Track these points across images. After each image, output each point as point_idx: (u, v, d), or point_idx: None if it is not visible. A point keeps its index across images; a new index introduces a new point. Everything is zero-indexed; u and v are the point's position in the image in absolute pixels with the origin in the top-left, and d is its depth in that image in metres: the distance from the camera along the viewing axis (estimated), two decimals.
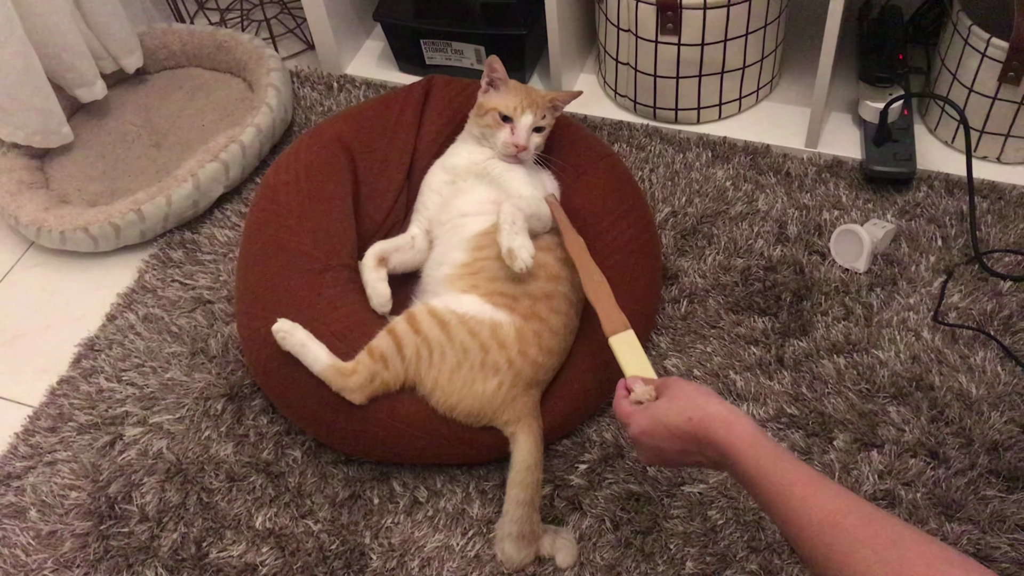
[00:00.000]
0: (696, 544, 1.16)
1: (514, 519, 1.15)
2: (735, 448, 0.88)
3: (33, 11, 1.62)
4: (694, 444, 0.93)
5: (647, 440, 0.98)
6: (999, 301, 1.36)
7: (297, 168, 1.38)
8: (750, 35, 1.56)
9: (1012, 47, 1.40)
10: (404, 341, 1.17)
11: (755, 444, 0.88)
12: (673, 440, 0.95)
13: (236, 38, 1.84)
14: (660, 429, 0.96)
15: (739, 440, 0.89)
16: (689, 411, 0.93)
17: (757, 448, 0.88)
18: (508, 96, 1.32)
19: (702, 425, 0.92)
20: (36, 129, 1.66)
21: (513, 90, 1.33)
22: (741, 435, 0.89)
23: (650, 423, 0.97)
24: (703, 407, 0.93)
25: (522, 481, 1.15)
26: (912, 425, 1.24)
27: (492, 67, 1.34)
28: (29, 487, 1.30)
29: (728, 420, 0.91)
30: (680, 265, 1.46)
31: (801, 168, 1.58)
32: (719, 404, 0.93)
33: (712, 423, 0.91)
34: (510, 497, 1.16)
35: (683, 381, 0.99)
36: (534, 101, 1.32)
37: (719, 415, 0.91)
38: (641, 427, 0.98)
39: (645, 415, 0.98)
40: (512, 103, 1.31)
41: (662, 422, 0.96)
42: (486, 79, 1.35)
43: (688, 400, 0.95)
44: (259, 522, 1.23)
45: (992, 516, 1.15)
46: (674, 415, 0.95)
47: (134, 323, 1.48)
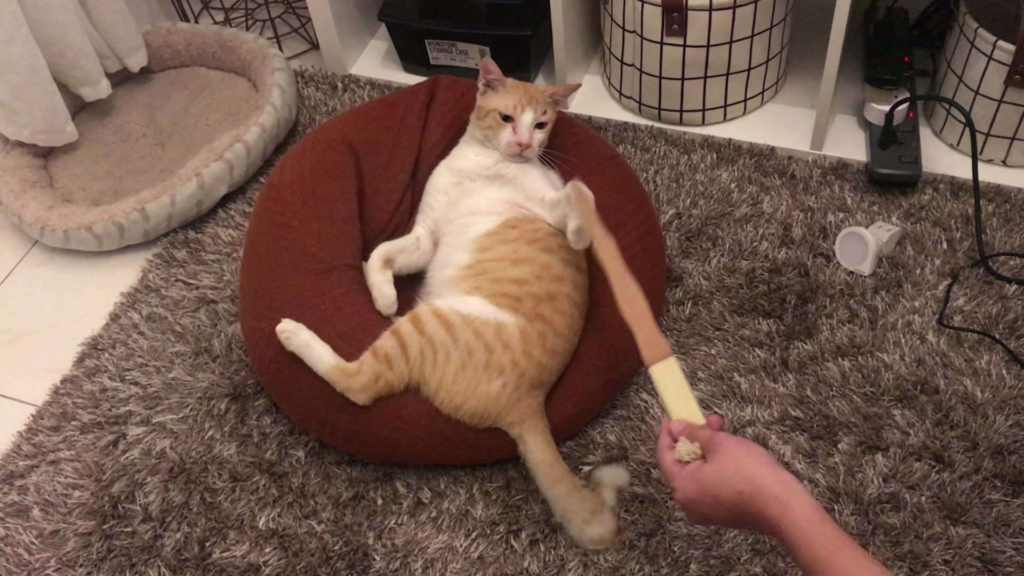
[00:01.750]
0: (700, 547, 1.16)
1: (577, 507, 1.15)
2: (791, 535, 0.82)
3: (38, 9, 1.62)
4: (746, 517, 0.87)
5: (695, 508, 0.92)
6: (1004, 304, 1.36)
7: (301, 168, 1.38)
8: (756, 37, 1.56)
9: (1018, 50, 1.40)
10: (408, 342, 1.17)
11: (811, 531, 0.82)
12: (722, 511, 0.89)
13: (240, 37, 1.84)
14: (708, 500, 0.89)
15: (794, 526, 0.82)
16: (740, 484, 0.87)
17: (814, 535, 0.81)
18: (507, 95, 1.32)
19: (754, 503, 0.85)
20: (41, 128, 1.66)
21: (511, 89, 1.33)
22: (797, 519, 0.82)
23: (697, 492, 0.90)
24: (753, 480, 0.86)
25: (555, 478, 1.16)
26: (917, 428, 1.24)
27: (487, 69, 1.33)
28: (32, 486, 1.30)
29: (782, 499, 0.84)
30: (685, 267, 1.46)
31: (806, 170, 1.58)
32: (772, 476, 0.86)
33: (766, 502, 0.84)
34: (557, 496, 1.15)
35: (731, 441, 0.91)
36: (533, 97, 1.32)
37: (772, 492, 0.84)
38: (687, 495, 0.92)
39: (692, 482, 0.91)
40: (511, 102, 1.31)
41: (710, 494, 0.89)
42: (482, 81, 1.34)
43: (738, 470, 0.87)
44: (262, 522, 1.23)
45: (997, 520, 1.14)
46: (723, 487, 0.88)
47: (138, 322, 1.48)
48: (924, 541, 1.13)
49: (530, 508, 1.21)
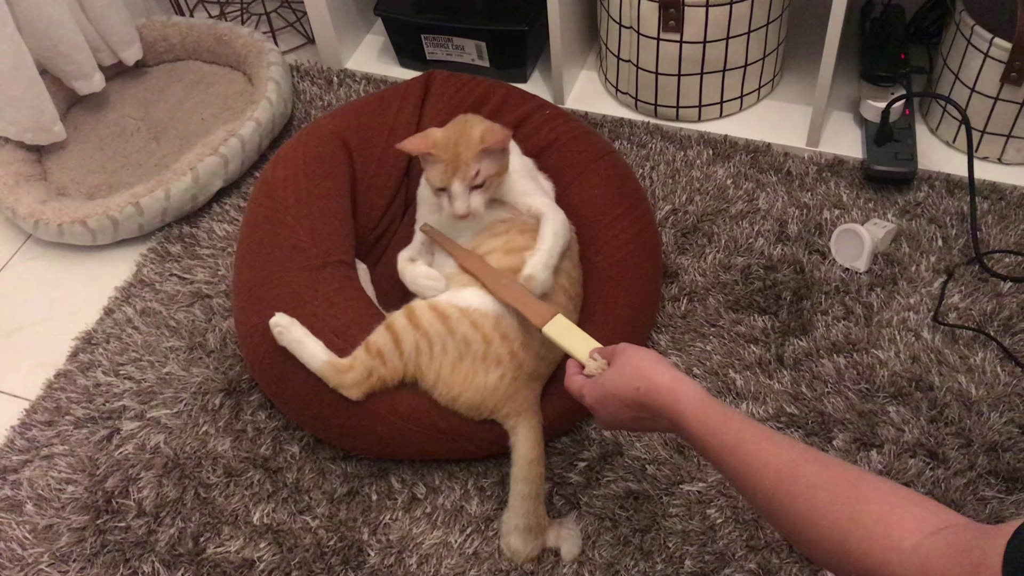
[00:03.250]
0: (695, 542, 1.16)
1: (520, 513, 1.15)
2: (683, 415, 0.89)
3: (29, 3, 1.61)
4: (645, 412, 0.94)
5: (601, 410, 1.00)
6: (999, 302, 1.36)
7: (296, 163, 1.38)
8: (752, 33, 1.55)
9: (1015, 47, 1.40)
10: (403, 336, 1.17)
11: (702, 407, 0.89)
12: (625, 409, 0.97)
13: (236, 31, 1.84)
14: (611, 400, 0.97)
15: (686, 406, 0.89)
16: (636, 381, 0.94)
17: (704, 410, 0.88)
18: (435, 167, 1.21)
19: (649, 395, 0.93)
20: (27, 126, 1.65)
21: (440, 154, 1.20)
22: (688, 401, 0.90)
23: (601, 393, 0.99)
24: (648, 376, 0.94)
25: (526, 476, 1.15)
26: (911, 425, 1.24)
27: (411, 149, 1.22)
28: (25, 481, 1.29)
29: (673, 388, 0.91)
30: (680, 263, 1.46)
31: (802, 167, 1.58)
32: (665, 372, 0.93)
33: (659, 393, 0.92)
34: (515, 492, 1.16)
35: (631, 348, 0.99)
36: (462, 162, 1.18)
37: (664, 384, 0.92)
38: (594, 397, 1.00)
39: (596, 386, 1.00)
40: (438, 174, 1.20)
41: (612, 393, 0.97)
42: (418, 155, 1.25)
43: (634, 370, 0.95)
44: (257, 517, 1.23)
45: (991, 517, 1.15)
46: (622, 386, 0.96)
47: (132, 317, 1.47)
48: None
49: None
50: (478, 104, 1.46)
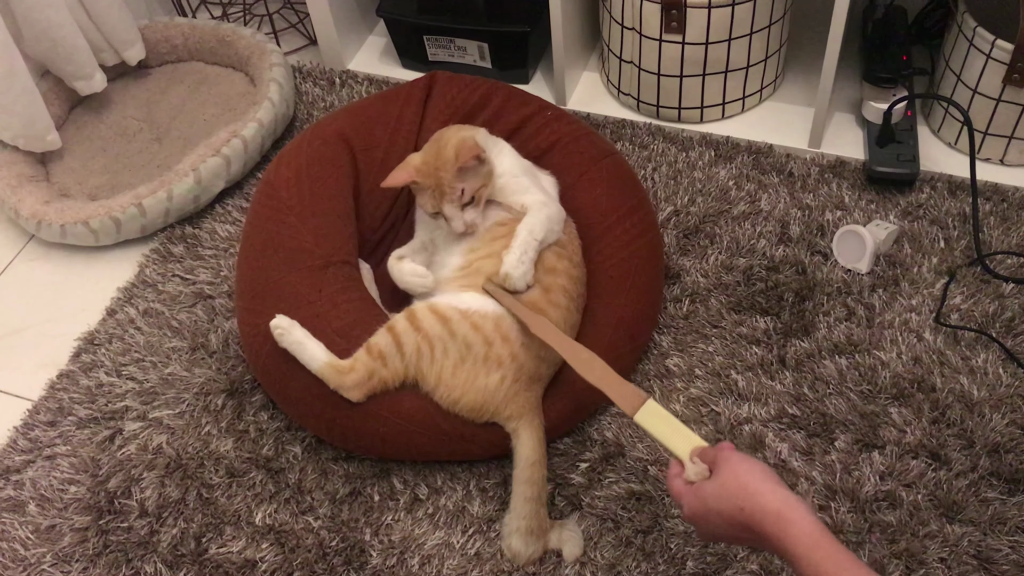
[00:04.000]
0: (697, 544, 1.16)
1: (521, 515, 1.15)
2: (792, 551, 0.83)
3: (27, 6, 1.61)
4: (748, 533, 0.88)
5: (702, 525, 0.93)
6: (1001, 303, 1.36)
7: (298, 164, 1.38)
8: (754, 34, 1.55)
9: (1017, 49, 1.40)
10: (404, 339, 1.17)
11: (813, 547, 0.82)
12: (727, 528, 0.90)
13: (238, 32, 1.84)
14: (713, 517, 0.91)
15: (796, 541, 0.83)
16: (740, 500, 0.88)
17: (816, 552, 0.82)
18: (423, 196, 1.23)
19: (754, 519, 0.86)
20: (19, 133, 1.64)
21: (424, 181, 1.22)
22: (798, 537, 0.83)
23: (702, 508, 0.92)
24: (754, 497, 0.87)
25: (528, 478, 1.15)
26: (913, 426, 1.24)
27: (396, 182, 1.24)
28: (28, 481, 1.29)
29: (783, 517, 0.84)
30: (682, 264, 1.46)
31: (804, 168, 1.58)
32: (772, 493, 0.87)
33: (765, 519, 0.85)
34: (517, 493, 1.16)
35: (736, 458, 0.92)
36: (444, 184, 1.20)
37: (772, 509, 0.85)
38: (693, 510, 0.93)
39: (697, 499, 0.93)
40: (428, 201, 1.23)
41: (714, 510, 0.90)
42: None
43: (739, 487, 0.89)
44: (259, 518, 1.23)
45: (993, 518, 1.15)
46: (725, 503, 0.89)
47: (134, 317, 1.48)
48: (920, 539, 1.14)
49: None
50: (480, 105, 1.46)
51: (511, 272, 1.17)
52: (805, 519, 0.84)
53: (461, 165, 1.20)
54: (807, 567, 0.82)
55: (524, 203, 1.25)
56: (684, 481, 0.96)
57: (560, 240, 1.26)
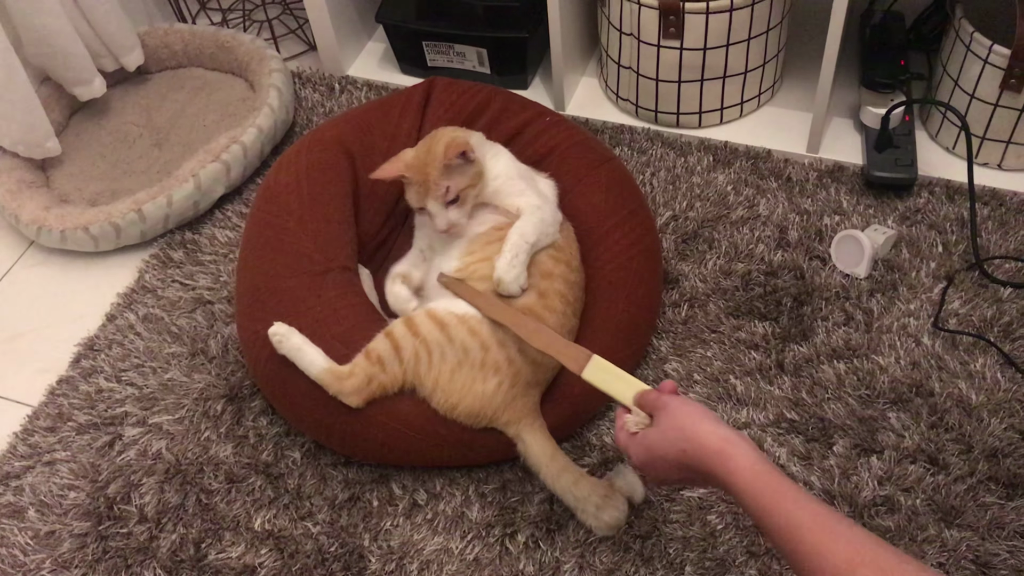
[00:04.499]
0: (695, 549, 1.16)
1: (588, 494, 1.15)
2: (735, 485, 0.85)
3: (23, 14, 1.61)
4: (693, 472, 0.90)
5: (650, 471, 0.96)
6: (999, 308, 1.36)
7: (298, 170, 1.38)
8: (752, 40, 1.56)
9: (1014, 54, 1.40)
10: (402, 344, 1.17)
11: (754, 479, 0.84)
12: (671, 470, 0.92)
13: (238, 38, 1.84)
14: (658, 462, 0.93)
15: (737, 476, 0.85)
16: (681, 442, 0.90)
17: (757, 484, 0.84)
18: (410, 191, 1.25)
19: (696, 457, 0.88)
20: (18, 139, 1.65)
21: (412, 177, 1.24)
22: (737, 469, 0.85)
23: (647, 454, 0.94)
24: (694, 438, 0.89)
25: (560, 469, 1.16)
26: (912, 431, 1.24)
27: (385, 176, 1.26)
28: (28, 487, 1.30)
29: (723, 452, 0.86)
30: (681, 269, 1.46)
31: (802, 173, 1.58)
32: (711, 431, 0.88)
33: (707, 456, 0.87)
34: (565, 488, 1.16)
35: (675, 402, 0.94)
36: (431, 182, 1.22)
37: (712, 447, 0.87)
38: (640, 458, 0.96)
39: (641, 447, 0.95)
40: (414, 196, 1.25)
41: (658, 455, 0.93)
42: None
43: (679, 430, 0.91)
44: (258, 523, 1.23)
45: (991, 523, 1.15)
46: (668, 446, 0.91)
47: (134, 323, 1.48)
48: (919, 544, 1.14)
49: (526, 510, 1.21)
50: (479, 111, 1.46)
51: (503, 276, 1.18)
52: (746, 454, 0.86)
53: (447, 162, 1.21)
54: (749, 499, 0.84)
55: (518, 206, 1.25)
56: (627, 432, 0.98)
57: (557, 244, 1.26)
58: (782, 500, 0.82)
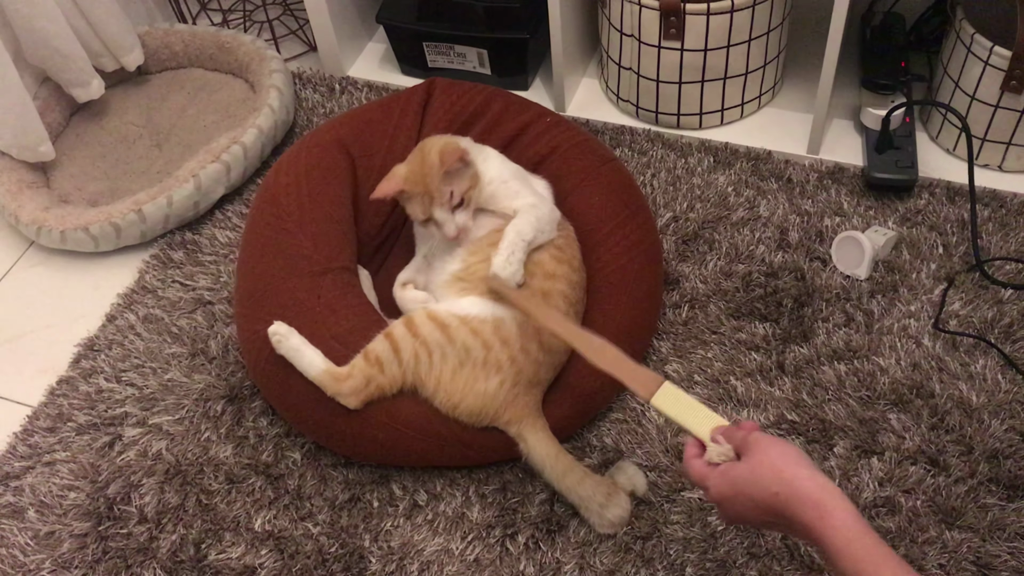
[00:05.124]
0: (696, 550, 1.16)
1: (592, 494, 1.16)
2: (830, 543, 0.80)
3: (21, 17, 1.61)
4: (781, 519, 0.85)
5: (729, 507, 0.89)
6: (1000, 309, 1.36)
7: (298, 170, 1.38)
8: (753, 41, 1.56)
9: (1015, 56, 1.40)
10: (402, 345, 1.17)
11: (852, 540, 0.79)
12: (757, 512, 0.86)
13: (238, 39, 1.84)
14: (743, 499, 0.87)
15: (832, 532, 0.79)
16: (775, 485, 0.84)
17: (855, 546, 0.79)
18: (412, 203, 1.24)
19: (790, 505, 0.82)
20: (11, 143, 1.64)
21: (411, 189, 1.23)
22: (837, 528, 0.80)
23: (730, 490, 0.88)
24: (790, 482, 0.83)
25: (564, 469, 1.17)
26: (912, 432, 1.24)
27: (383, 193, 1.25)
28: (28, 487, 1.29)
29: (821, 505, 0.81)
30: (681, 270, 1.46)
31: (803, 174, 1.58)
32: (809, 480, 0.83)
33: (803, 506, 0.81)
34: (569, 487, 1.17)
35: (766, 441, 0.88)
36: (433, 189, 1.21)
37: (810, 496, 0.82)
38: (721, 493, 0.89)
39: (725, 480, 0.89)
40: (418, 208, 1.24)
41: (744, 493, 0.87)
42: None
43: (772, 471, 0.85)
44: (258, 524, 1.23)
45: (992, 524, 1.15)
46: (758, 487, 0.85)
47: (134, 323, 1.48)
48: (919, 545, 1.14)
49: (526, 511, 1.21)
50: (479, 112, 1.46)
51: (499, 273, 1.18)
52: (845, 509, 0.81)
53: (447, 169, 1.21)
54: (845, 560, 0.78)
55: (515, 207, 1.25)
56: (706, 462, 0.92)
57: (559, 244, 1.26)
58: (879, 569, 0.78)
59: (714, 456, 0.92)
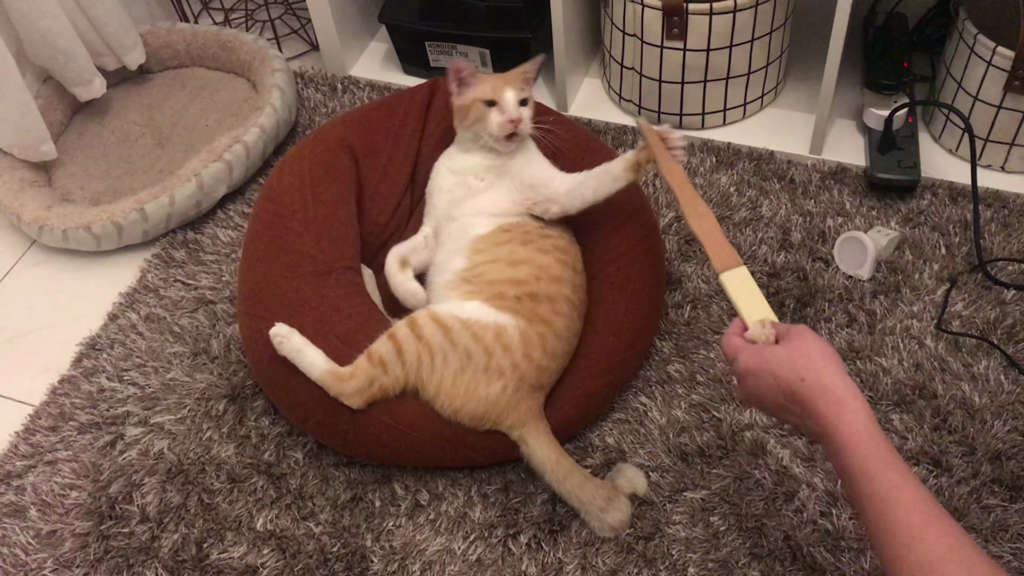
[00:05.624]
0: (698, 550, 1.16)
1: (592, 498, 1.16)
2: (841, 436, 0.81)
3: (22, 15, 1.61)
4: (797, 407, 0.86)
5: (751, 381, 0.91)
6: (1002, 310, 1.36)
7: (300, 170, 1.38)
8: (755, 41, 1.56)
9: (1018, 56, 1.40)
10: (405, 346, 1.17)
11: (865, 439, 0.80)
12: (777, 394, 0.88)
13: (240, 38, 1.84)
14: (767, 377, 0.88)
15: (848, 428, 0.80)
16: (804, 371, 0.85)
17: (867, 445, 0.79)
18: (482, 84, 1.31)
19: (812, 392, 0.84)
20: (13, 142, 1.64)
21: (482, 79, 1.32)
22: (851, 422, 0.81)
23: (759, 366, 0.90)
24: (820, 372, 0.84)
25: (564, 473, 1.17)
26: (915, 433, 1.24)
27: (457, 67, 1.32)
28: (29, 486, 1.29)
29: (842, 400, 0.82)
30: (683, 270, 1.46)
31: (805, 175, 1.58)
32: (837, 375, 0.84)
33: (824, 396, 0.83)
34: (570, 491, 1.17)
35: (810, 334, 0.89)
36: (508, 78, 1.32)
37: (834, 389, 0.83)
38: (748, 367, 0.91)
39: (757, 355, 0.90)
40: (489, 87, 1.30)
41: (772, 371, 0.88)
42: (454, 82, 1.33)
43: (807, 359, 0.86)
44: (260, 524, 1.23)
45: (995, 525, 1.15)
46: (787, 368, 0.86)
47: (136, 323, 1.48)
48: None
49: (528, 511, 1.21)
50: None
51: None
52: (864, 411, 0.82)
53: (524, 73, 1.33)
54: (853, 456, 0.80)
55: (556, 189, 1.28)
56: (746, 340, 0.95)
57: (562, 247, 1.27)
58: (887, 469, 0.78)
59: (757, 335, 0.94)
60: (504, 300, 1.20)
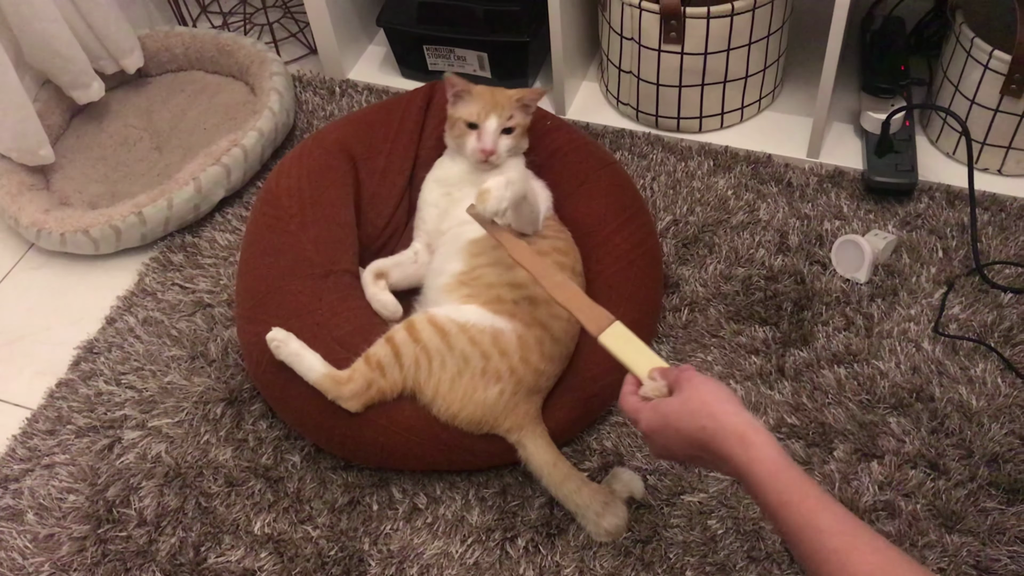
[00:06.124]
0: (696, 553, 1.16)
1: (589, 502, 1.16)
2: (753, 473, 0.82)
3: (21, 18, 1.61)
4: (707, 453, 0.87)
5: (658, 439, 0.92)
6: (1000, 313, 1.36)
7: (299, 173, 1.38)
8: (753, 45, 1.56)
9: (1015, 60, 1.41)
10: (403, 350, 1.17)
11: (775, 473, 0.81)
12: (684, 446, 0.89)
13: (238, 42, 1.84)
14: (670, 432, 0.90)
15: (758, 465, 0.82)
16: (703, 418, 0.87)
17: (779, 475, 0.81)
18: (472, 103, 1.33)
19: (715, 439, 0.85)
20: (11, 146, 1.64)
21: (477, 97, 1.33)
22: (759, 460, 0.82)
23: (660, 423, 0.91)
24: (717, 416, 0.86)
25: (562, 476, 1.17)
26: (912, 436, 1.24)
27: (451, 83, 1.34)
28: (27, 490, 1.29)
29: (745, 439, 0.84)
30: (681, 274, 1.46)
31: (802, 178, 1.58)
32: (735, 415, 0.86)
33: (728, 440, 0.84)
34: (567, 495, 1.17)
35: (699, 379, 0.91)
36: (499, 104, 1.32)
37: (735, 431, 0.84)
38: (651, 426, 0.92)
39: (656, 413, 0.92)
40: (475, 110, 1.32)
41: (672, 426, 0.89)
42: (451, 93, 1.35)
43: (702, 404, 0.88)
44: (258, 527, 1.23)
45: (992, 528, 1.15)
46: (687, 420, 0.88)
47: (134, 326, 1.48)
48: (919, 549, 1.14)
49: (526, 514, 1.21)
50: None
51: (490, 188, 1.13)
52: (768, 444, 0.83)
53: (521, 100, 1.33)
54: (769, 493, 0.81)
55: None
56: (640, 397, 0.96)
57: (562, 248, 1.27)
58: (805, 498, 0.79)
59: (648, 391, 0.96)
60: (502, 304, 1.20)
